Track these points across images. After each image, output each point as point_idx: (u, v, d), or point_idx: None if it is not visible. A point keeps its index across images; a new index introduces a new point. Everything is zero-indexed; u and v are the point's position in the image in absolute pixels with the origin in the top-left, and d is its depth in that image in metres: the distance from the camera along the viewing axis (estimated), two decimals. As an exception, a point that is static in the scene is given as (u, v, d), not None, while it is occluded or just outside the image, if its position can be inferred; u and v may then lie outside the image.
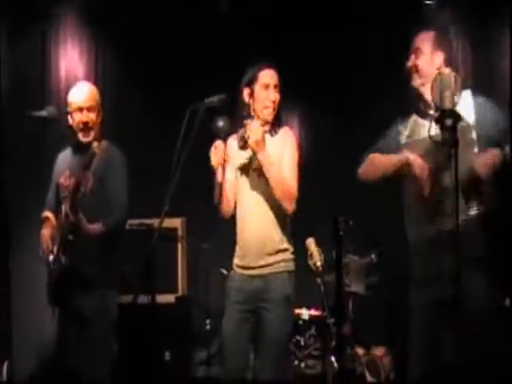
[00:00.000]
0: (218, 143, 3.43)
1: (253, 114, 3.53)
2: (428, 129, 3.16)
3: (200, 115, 3.30)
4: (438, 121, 2.98)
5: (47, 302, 3.86)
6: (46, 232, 3.85)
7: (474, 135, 3.23)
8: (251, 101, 3.53)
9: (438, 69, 3.25)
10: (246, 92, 3.54)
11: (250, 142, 3.36)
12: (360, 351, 5.05)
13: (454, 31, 5.75)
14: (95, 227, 3.68)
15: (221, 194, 3.51)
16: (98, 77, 5.79)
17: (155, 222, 4.68)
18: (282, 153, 3.47)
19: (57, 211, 3.85)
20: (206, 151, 3.48)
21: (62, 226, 3.66)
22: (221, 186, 3.48)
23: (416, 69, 3.36)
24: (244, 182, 3.54)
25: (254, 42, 5.87)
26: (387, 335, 5.39)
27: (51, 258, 3.74)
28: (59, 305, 3.82)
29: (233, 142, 3.58)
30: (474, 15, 5.55)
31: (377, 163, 3.44)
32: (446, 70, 3.10)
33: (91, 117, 3.83)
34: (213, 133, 3.44)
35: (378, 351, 5.19)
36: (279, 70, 3.58)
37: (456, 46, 5.67)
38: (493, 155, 3.17)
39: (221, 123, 3.42)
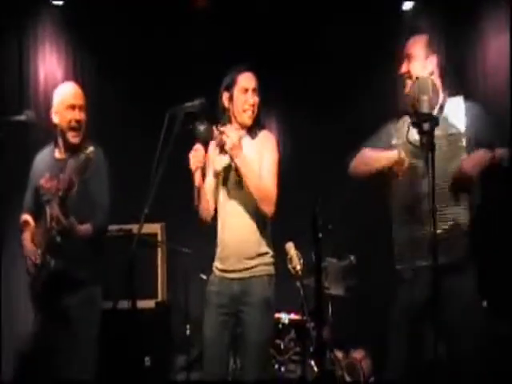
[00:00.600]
0: (198, 147, 3.44)
1: (232, 117, 3.55)
2: (406, 133, 3.18)
3: (179, 119, 3.30)
4: (416, 125, 3.01)
5: (32, 304, 3.82)
6: (27, 236, 3.80)
7: (464, 143, 3.24)
8: (230, 105, 3.54)
9: (430, 73, 3.27)
10: (225, 96, 3.56)
11: (227, 147, 3.37)
12: (339, 355, 5.06)
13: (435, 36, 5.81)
14: (86, 228, 3.65)
15: (199, 198, 3.51)
16: (76, 81, 5.72)
17: (134, 227, 4.69)
18: (261, 155, 3.48)
19: (36, 214, 3.80)
20: (185, 155, 3.48)
21: (50, 229, 3.59)
22: (199, 189, 3.49)
23: (409, 74, 3.36)
24: (224, 186, 3.55)
25: (235, 45, 5.90)
26: (366, 338, 5.42)
27: (38, 261, 3.69)
28: (47, 307, 3.77)
29: (213, 147, 3.60)
30: (451, 19, 5.60)
31: (368, 158, 3.44)
32: (423, 75, 3.14)
33: (82, 116, 3.79)
34: (193, 137, 3.45)
35: (358, 354, 5.21)
36: (259, 73, 3.59)
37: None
38: (480, 155, 3.18)
39: (201, 128, 3.43)
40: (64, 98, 3.80)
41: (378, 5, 5.81)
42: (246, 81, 3.52)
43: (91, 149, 3.51)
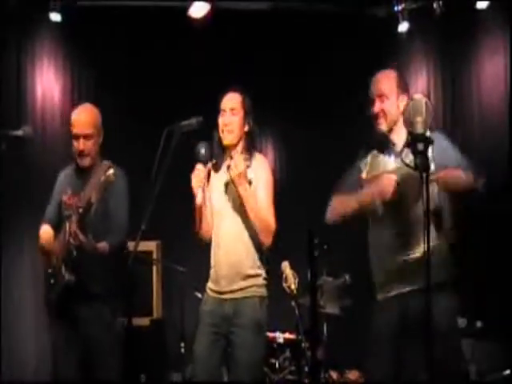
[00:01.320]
0: (200, 167, 3.45)
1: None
2: (401, 156, 3.22)
3: (177, 137, 3.31)
4: (410, 145, 3.03)
5: (47, 313, 3.88)
6: (47, 246, 3.84)
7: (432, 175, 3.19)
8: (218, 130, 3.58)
9: (402, 113, 3.25)
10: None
11: (233, 175, 3.37)
12: (334, 375, 5.05)
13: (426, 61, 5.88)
14: (102, 246, 3.69)
15: (200, 217, 3.53)
16: (74, 96, 5.80)
17: (130, 244, 4.68)
18: (256, 184, 3.48)
19: (57, 227, 3.86)
20: (182, 173, 3.50)
21: (68, 243, 3.65)
22: (200, 209, 3.50)
23: (383, 113, 3.36)
24: (220, 206, 3.55)
25: (232, 60, 5.95)
26: (361, 358, 5.40)
27: (50, 270, 3.77)
28: (60, 319, 3.82)
29: (211, 170, 3.61)
30: (445, 44, 5.66)
31: (339, 205, 3.44)
32: (418, 96, 3.16)
33: (87, 144, 3.85)
34: (195, 158, 3.46)
35: (352, 375, 5.20)
36: (255, 89, 3.62)
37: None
38: (456, 171, 3.21)
39: (202, 150, 3.45)
40: (71, 126, 3.90)
41: (375, 26, 5.87)
42: (224, 102, 3.55)
43: (111, 171, 3.60)
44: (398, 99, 3.37)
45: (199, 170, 3.44)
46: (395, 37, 5.98)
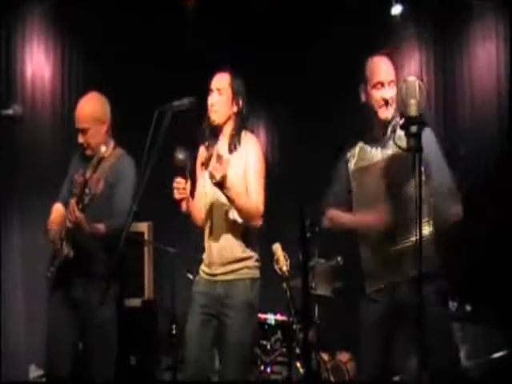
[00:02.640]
0: (179, 181, 3.39)
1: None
2: (392, 137, 3.21)
3: (168, 117, 3.29)
4: (404, 128, 3.02)
5: (47, 286, 3.93)
6: (54, 221, 3.92)
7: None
8: None
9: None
10: None
11: (216, 177, 3.27)
12: (325, 356, 5.07)
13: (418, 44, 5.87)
14: (98, 226, 3.73)
15: (191, 212, 3.54)
16: (64, 75, 5.77)
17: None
18: (246, 165, 3.47)
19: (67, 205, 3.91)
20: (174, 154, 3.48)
21: (68, 220, 3.71)
22: (187, 211, 3.50)
23: (392, 100, 3.31)
24: (210, 191, 3.55)
25: (224, 43, 5.92)
26: (352, 340, 5.43)
27: (55, 247, 3.82)
28: (58, 294, 3.87)
29: (204, 149, 3.63)
30: (438, 25, 5.65)
31: (337, 225, 3.47)
32: (411, 78, 3.14)
33: (85, 138, 3.90)
34: (173, 164, 3.41)
35: (343, 356, 5.23)
36: (247, 72, 3.60)
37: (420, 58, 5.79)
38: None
39: (180, 156, 3.39)
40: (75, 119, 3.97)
41: (367, 8, 5.85)
42: (212, 82, 3.55)
43: (104, 149, 3.76)
44: (390, 85, 3.35)
45: (179, 183, 3.39)
46: (388, 20, 5.96)
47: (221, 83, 3.53)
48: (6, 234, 5.15)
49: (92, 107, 3.97)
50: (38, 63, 5.63)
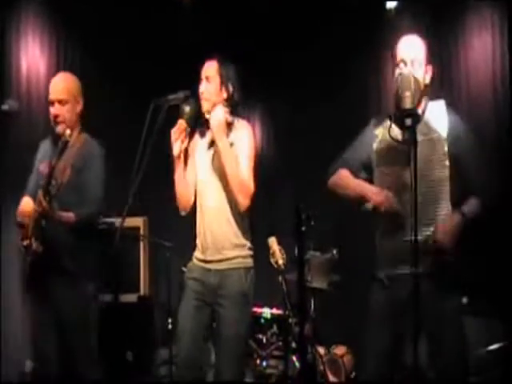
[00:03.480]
0: (181, 122, 3.45)
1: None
2: (388, 129, 3.19)
3: (163, 111, 3.29)
4: (398, 120, 3.02)
5: (22, 284, 3.90)
6: (22, 211, 3.80)
7: (445, 148, 3.18)
8: None
9: (426, 86, 3.20)
10: None
11: (212, 123, 3.36)
12: (321, 350, 5.08)
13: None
14: (67, 215, 3.66)
15: (179, 183, 3.55)
16: (59, 70, 5.72)
17: (117, 220, 4.68)
18: (238, 149, 3.47)
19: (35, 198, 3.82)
20: (169, 147, 3.48)
21: (36, 213, 3.64)
22: (178, 181, 3.52)
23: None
24: (202, 178, 3.56)
25: (218, 32, 5.92)
26: (348, 334, 5.44)
27: (25, 243, 3.72)
28: (32, 291, 3.81)
29: (197, 137, 3.62)
30: (434, 18, 5.64)
31: (341, 185, 3.40)
32: (406, 71, 3.14)
33: (61, 110, 3.83)
34: (179, 115, 3.44)
35: (339, 350, 5.23)
36: (241, 60, 3.59)
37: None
38: (455, 225, 3.12)
39: (187, 108, 3.44)
40: (49, 92, 3.89)
41: (363, 2, 5.85)
42: (202, 71, 3.55)
43: (68, 132, 3.64)
44: (426, 68, 3.26)
45: (180, 124, 3.44)
46: (383, 14, 5.95)
47: (209, 71, 3.53)
48: (5, 231, 5.15)
49: (71, 83, 3.93)
50: (33, 58, 5.60)
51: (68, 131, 3.69)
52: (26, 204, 3.81)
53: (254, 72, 4.01)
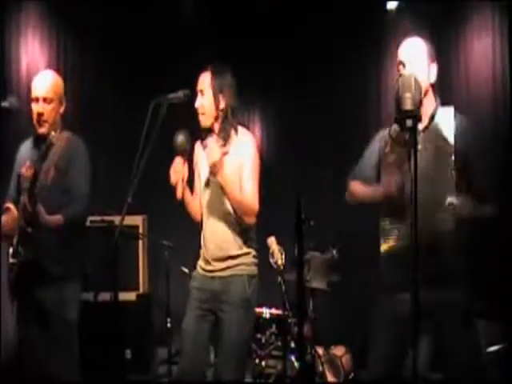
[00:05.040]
0: (177, 160, 3.42)
1: None
2: (389, 130, 3.17)
3: (164, 109, 3.28)
4: (399, 122, 3.01)
5: (9, 294, 3.80)
6: (8, 218, 3.75)
7: (452, 156, 3.13)
8: None
9: (432, 84, 3.18)
10: None
11: (208, 164, 3.31)
12: (320, 350, 5.07)
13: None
14: (54, 218, 3.59)
15: (187, 205, 3.55)
16: (59, 66, 5.73)
17: (116, 219, 4.67)
18: (240, 163, 3.41)
19: (18, 202, 3.76)
20: (169, 146, 3.46)
21: (21, 218, 3.60)
22: (183, 200, 3.50)
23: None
24: (206, 187, 3.54)
25: (217, 33, 5.93)
26: (347, 334, 5.44)
27: (11, 250, 3.68)
28: (19, 298, 3.76)
29: (199, 146, 3.59)
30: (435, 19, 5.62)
31: (356, 195, 3.38)
32: (407, 72, 3.13)
33: (46, 109, 3.75)
34: (173, 149, 3.42)
35: (338, 350, 5.23)
36: (241, 63, 3.59)
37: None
38: (463, 204, 3.11)
39: (180, 138, 3.41)
40: (32, 89, 3.81)
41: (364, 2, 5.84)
42: (198, 84, 3.49)
43: (53, 134, 3.55)
44: (429, 67, 3.25)
45: (177, 164, 3.41)
46: (384, 14, 5.94)
47: (202, 84, 3.47)
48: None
49: (55, 81, 3.84)
50: (33, 55, 5.59)
51: (53, 132, 3.60)
52: (8, 211, 3.75)
53: (253, 67, 3.98)
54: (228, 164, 3.37)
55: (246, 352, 3.62)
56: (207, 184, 3.52)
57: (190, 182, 3.60)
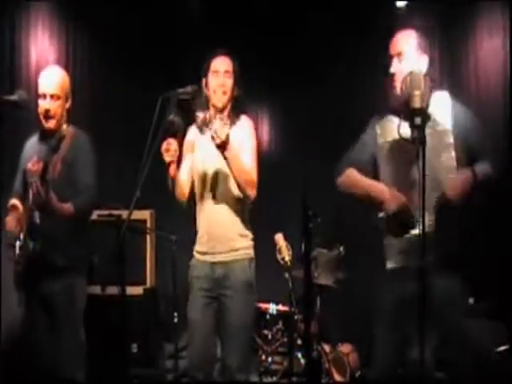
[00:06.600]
0: (170, 141, 3.43)
1: (208, 102, 3.59)
2: (397, 128, 3.17)
3: (172, 105, 3.29)
4: (408, 119, 3.00)
5: (15, 287, 3.82)
6: (11, 218, 3.81)
7: (451, 139, 3.19)
8: (206, 89, 3.61)
9: (426, 75, 3.15)
10: (203, 83, 3.61)
11: (216, 143, 3.33)
12: (326, 348, 5.07)
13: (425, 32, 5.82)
14: (66, 205, 3.64)
15: (174, 186, 3.57)
16: (68, 61, 5.74)
17: (124, 213, 4.68)
18: (241, 141, 3.52)
19: (24, 198, 3.81)
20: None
21: (30, 210, 3.63)
22: (173, 179, 3.53)
23: (400, 75, 3.19)
24: (204, 169, 3.57)
25: (222, 26, 5.91)
26: (354, 332, 5.43)
27: (18, 244, 3.71)
28: (27, 291, 3.79)
29: (193, 128, 3.65)
30: (443, 16, 5.60)
31: (352, 184, 3.37)
32: (416, 70, 3.13)
33: (53, 105, 3.81)
34: (164, 128, 3.40)
35: (345, 348, 5.22)
36: (246, 56, 3.61)
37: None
38: (463, 180, 3.12)
39: (174, 118, 3.38)
40: (39, 86, 3.87)
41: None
42: (217, 64, 3.58)
43: (64, 127, 3.64)
44: (419, 59, 3.28)
45: (170, 144, 3.42)
46: (394, 12, 5.92)
47: (227, 66, 3.59)
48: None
49: (62, 78, 3.90)
50: (42, 49, 5.60)
51: (64, 126, 3.70)
52: (14, 207, 3.81)
53: (257, 65, 3.98)
54: (231, 141, 3.41)
55: (251, 335, 3.69)
56: (206, 167, 3.56)
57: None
